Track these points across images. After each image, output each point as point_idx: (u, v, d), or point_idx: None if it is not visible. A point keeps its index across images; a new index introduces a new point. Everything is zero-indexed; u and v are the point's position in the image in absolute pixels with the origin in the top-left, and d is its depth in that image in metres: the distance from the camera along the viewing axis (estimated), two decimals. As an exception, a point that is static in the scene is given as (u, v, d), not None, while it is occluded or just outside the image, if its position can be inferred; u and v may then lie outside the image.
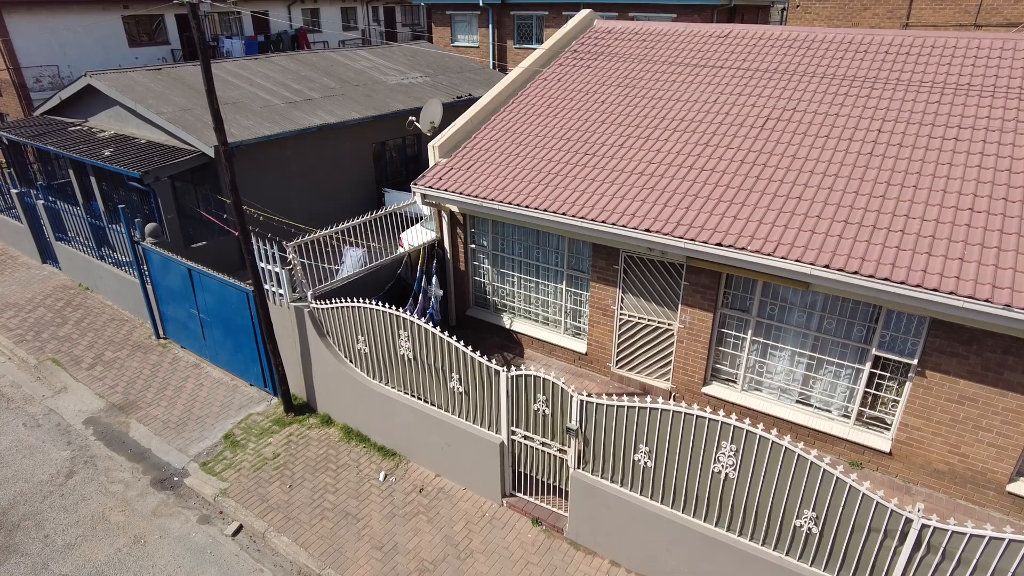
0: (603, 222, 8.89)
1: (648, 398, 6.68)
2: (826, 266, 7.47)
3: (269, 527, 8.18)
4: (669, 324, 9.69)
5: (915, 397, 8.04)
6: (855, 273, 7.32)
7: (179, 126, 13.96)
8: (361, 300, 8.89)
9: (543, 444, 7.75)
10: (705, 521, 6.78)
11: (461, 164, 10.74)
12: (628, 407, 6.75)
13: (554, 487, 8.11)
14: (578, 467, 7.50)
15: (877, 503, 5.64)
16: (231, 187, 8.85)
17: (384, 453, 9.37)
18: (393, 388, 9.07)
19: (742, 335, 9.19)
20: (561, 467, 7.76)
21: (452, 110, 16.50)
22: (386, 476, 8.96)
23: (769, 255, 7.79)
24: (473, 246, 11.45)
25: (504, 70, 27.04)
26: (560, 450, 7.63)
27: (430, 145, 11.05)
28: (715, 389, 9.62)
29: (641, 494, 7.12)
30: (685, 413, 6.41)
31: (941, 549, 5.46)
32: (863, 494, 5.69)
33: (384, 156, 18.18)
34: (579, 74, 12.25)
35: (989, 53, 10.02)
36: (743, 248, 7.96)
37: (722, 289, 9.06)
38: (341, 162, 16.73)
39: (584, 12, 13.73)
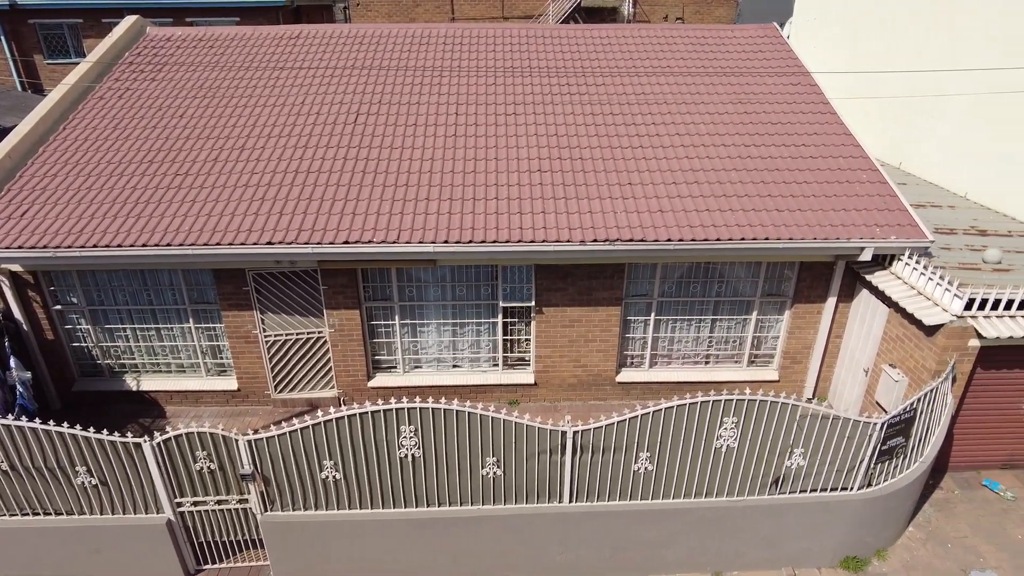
0: (218, 244, 8.12)
1: (319, 412, 6.45)
2: (445, 241, 8.19)
3: None
4: (320, 332, 9.48)
5: (540, 331, 9.49)
6: (469, 242, 8.19)
7: None
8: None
9: (219, 502, 6.88)
10: (405, 507, 6.94)
11: (9, 212, 8.57)
12: (301, 429, 6.42)
13: (248, 540, 7.32)
14: (266, 510, 6.89)
15: (538, 428, 6.53)
16: None
17: (3, 599, 7.18)
18: (-9, 514, 6.96)
19: (391, 322, 9.52)
20: (247, 517, 7.03)
21: (-23, 148, 12.92)
22: (15, 625, 6.90)
23: (394, 242, 8.18)
24: (59, 307, 9.32)
25: (40, 90, 22.33)
26: (241, 500, 6.89)
27: (-45, 196, 8.52)
28: (381, 380, 9.82)
29: (339, 509, 6.91)
30: (359, 413, 6.38)
31: (590, 445, 6.63)
32: (526, 425, 6.51)
33: None
34: (145, 87, 10.80)
35: (520, 40, 12.07)
36: (369, 241, 8.19)
37: (361, 284, 9.20)
38: None
39: (131, 19, 12.09)
